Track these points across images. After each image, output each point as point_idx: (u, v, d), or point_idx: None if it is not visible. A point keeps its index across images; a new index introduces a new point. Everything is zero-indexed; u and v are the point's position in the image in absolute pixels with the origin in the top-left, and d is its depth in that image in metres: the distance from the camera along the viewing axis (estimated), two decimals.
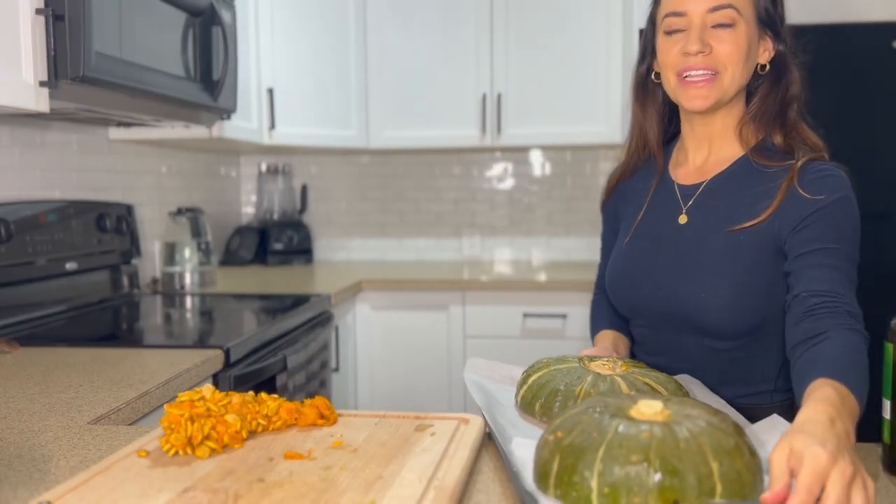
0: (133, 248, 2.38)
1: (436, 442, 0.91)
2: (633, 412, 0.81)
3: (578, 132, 2.99)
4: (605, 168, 3.31)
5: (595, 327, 1.38)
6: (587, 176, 3.36)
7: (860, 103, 2.97)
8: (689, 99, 1.16)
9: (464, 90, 3.04)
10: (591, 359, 1.10)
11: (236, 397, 0.96)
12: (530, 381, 1.05)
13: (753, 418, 1.00)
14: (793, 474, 0.73)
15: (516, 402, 1.07)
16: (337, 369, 2.56)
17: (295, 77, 2.86)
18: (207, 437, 0.89)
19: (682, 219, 1.21)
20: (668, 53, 1.17)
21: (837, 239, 1.08)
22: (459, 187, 3.45)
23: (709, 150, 1.23)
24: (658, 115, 1.28)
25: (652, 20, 1.23)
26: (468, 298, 2.79)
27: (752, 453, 0.77)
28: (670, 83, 1.18)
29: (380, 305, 2.82)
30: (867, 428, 0.99)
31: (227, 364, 1.63)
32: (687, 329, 1.19)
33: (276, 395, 1.00)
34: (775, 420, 0.94)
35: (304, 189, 3.45)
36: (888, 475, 0.84)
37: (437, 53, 3.05)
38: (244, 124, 2.57)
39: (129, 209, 2.38)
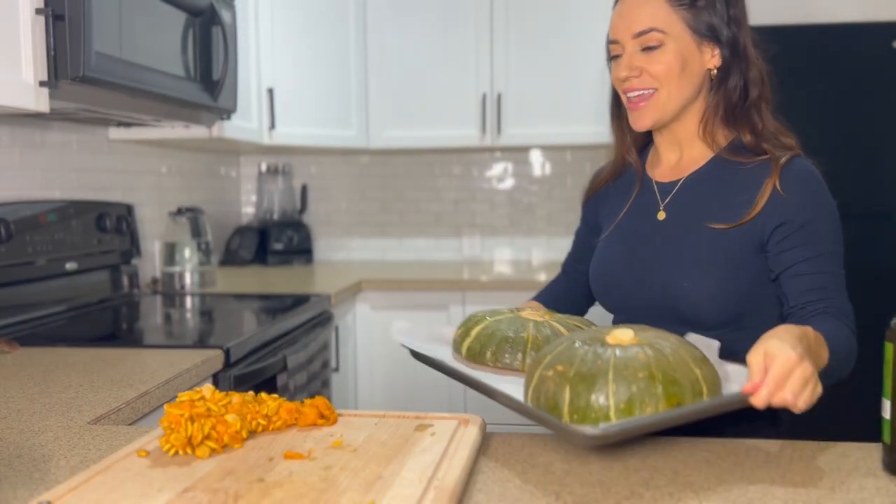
0: (133, 248, 2.38)
1: (436, 442, 0.91)
2: (611, 339, 0.93)
3: (578, 132, 2.99)
4: None
5: (534, 297, 1.47)
6: (587, 176, 3.33)
7: (860, 103, 2.97)
8: (634, 121, 1.25)
9: (464, 90, 3.04)
10: (519, 309, 1.23)
11: (236, 397, 0.96)
12: (474, 333, 1.15)
13: (741, 410, 1.02)
14: (765, 371, 0.87)
15: (460, 354, 1.15)
16: (337, 369, 2.56)
17: (295, 77, 2.86)
18: (207, 437, 0.89)
19: (661, 215, 1.26)
20: (613, 77, 1.27)
21: (823, 243, 1.14)
22: (459, 187, 3.45)
23: (680, 150, 1.28)
24: (629, 129, 1.32)
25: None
26: (468, 298, 2.79)
27: (708, 360, 0.93)
28: (623, 102, 1.27)
29: (380, 305, 2.82)
30: (867, 428, 1.00)
31: (227, 364, 1.63)
32: (670, 320, 1.21)
33: (276, 395, 1.00)
34: (695, 337, 1.06)
35: (304, 189, 3.45)
36: (888, 475, 0.84)
37: (437, 53, 3.05)
38: (244, 124, 2.57)
39: (129, 209, 2.38)
